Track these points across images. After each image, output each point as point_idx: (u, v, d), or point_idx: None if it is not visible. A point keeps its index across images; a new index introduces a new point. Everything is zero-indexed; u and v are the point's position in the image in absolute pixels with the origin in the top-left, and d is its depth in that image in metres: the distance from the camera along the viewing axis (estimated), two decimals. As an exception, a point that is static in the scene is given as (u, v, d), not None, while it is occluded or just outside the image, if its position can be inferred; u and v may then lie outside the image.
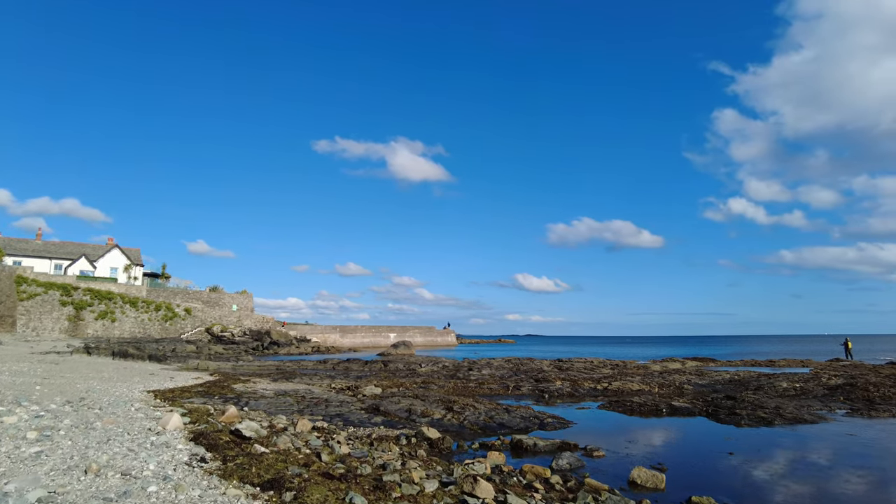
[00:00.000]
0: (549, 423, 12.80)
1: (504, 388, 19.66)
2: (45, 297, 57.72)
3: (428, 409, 12.93)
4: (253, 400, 13.77)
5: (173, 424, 8.95)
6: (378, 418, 12.41)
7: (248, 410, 12.55)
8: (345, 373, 24.62)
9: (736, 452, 9.92)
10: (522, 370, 24.34)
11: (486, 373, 22.56)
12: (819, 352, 64.38)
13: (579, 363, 28.00)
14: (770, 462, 9.36)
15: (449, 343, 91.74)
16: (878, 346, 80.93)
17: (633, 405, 15.78)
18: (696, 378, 22.79)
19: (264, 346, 56.85)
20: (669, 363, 31.93)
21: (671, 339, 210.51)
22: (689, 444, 10.98)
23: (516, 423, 12.41)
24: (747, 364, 34.77)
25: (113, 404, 11.00)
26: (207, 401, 13.57)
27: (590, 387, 20.13)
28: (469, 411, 12.96)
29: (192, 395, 14.35)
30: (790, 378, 21.30)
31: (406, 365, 26.60)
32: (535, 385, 20.00)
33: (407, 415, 12.65)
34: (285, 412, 12.66)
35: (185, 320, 62.59)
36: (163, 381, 16.93)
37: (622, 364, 28.78)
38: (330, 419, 12.19)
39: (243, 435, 8.82)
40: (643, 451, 10.11)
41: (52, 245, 69.01)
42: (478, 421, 12.40)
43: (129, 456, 6.27)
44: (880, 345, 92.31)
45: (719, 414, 14.12)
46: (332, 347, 67.21)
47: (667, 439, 11.39)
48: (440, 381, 20.80)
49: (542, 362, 28.14)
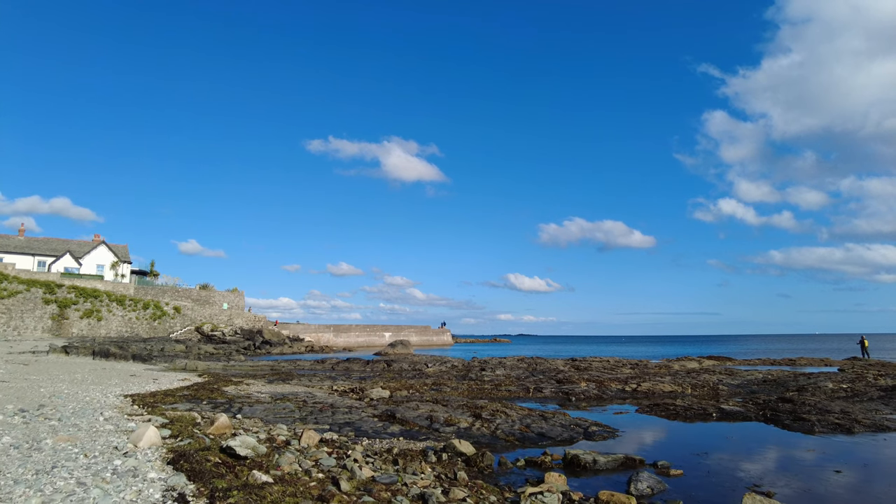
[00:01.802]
0: (594, 432, 11.01)
1: (524, 390, 17.86)
2: (27, 294, 55.20)
3: (452, 417, 11.10)
4: (247, 405, 11.86)
5: (148, 440, 7.05)
6: (395, 427, 10.55)
7: (241, 418, 10.66)
8: (346, 373, 22.72)
9: (842, 469, 8.17)
10: (539, 370, 22.54)
11: (500, 373, 20.74)
12: (816, 350, 63.17)
13: (597, 363, 26.27)
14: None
15: (445, 342, 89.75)
16: (888, 345, 79.91)
17: (676, 409, 14.03)
18: (728, 378, 21.12)
19: (256, 345, 54.70)
20: (686, 362, 30.29)
21: (662, 338, 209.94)
22: (773, 457, 9.22)
23: (558, 433, 10.61)
24: (766, 363, 33.23)
25: (77, 413, 9.07)
26: (194, 406, 11.66)
27: (617, 388, 18.39)
28: (500, 419, 11.14)
29: (176, 399, 12.42)
30: (833, 378, 19.67)
31: (411, 365, 24.75)
32: (557, 387, 18.22)
33: (428, 423, 10.80)
34: (285, 420, 10.78)
35: (175, 319, 60.26)
36: (144, 384, 14.97)
37: (642, 364, 27.09)
38: (339, 429, 10.33)
39: (237, 454, 6.95)
40: (725, 468, 8.35)
41: (35, 241, 66.35)
42: (513, 430, 10.59)
43: (73, 496, 4.38)
44: (888, 343, 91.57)
45: (781, 419, 12.39)
46: (326, 347, 65.14)
47: (742, 451, 9.63)
48: (452, 383, 18.97)
49: (556, 362, 26.38)
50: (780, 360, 34.87)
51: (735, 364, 32.21)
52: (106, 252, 65.95)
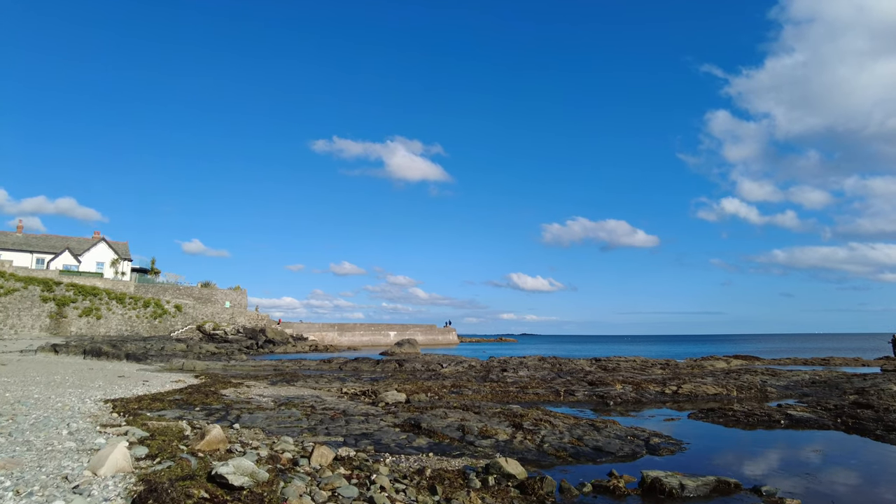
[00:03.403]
0: (656, 444, 9.28)
1: (553, 392, 16.13)
2: (24, 292, 53.73)
3: (488, 427, 9.39)
4: (247, 412, 10.17)
5: (112, 466, 5.35)
6: (421, 440, 8.85)
7: (239, 429, 8.97)
8: (354, 374, 21.02)
9: None
10: (565, 371, 20.79)
11: (523, 374, 19.00)
12: (821, 349, 60.86)
13: (624, 363, 24.51)
14: None
15: (450, 342, 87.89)
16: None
17: (735, 415, 12.30)
18: (772, 378, 19.35)
19: (259, 344, 53.10)
20: (714, 361, 28.52)
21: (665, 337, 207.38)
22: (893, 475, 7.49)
23: (616, 447, 8.88)
24: (797, 363, 31.40)
25: (38, 425, 7.41)
26: (185, 414, 9.98)
27: (656, 390, 16.65)
28: (545, 429, 9.42)
29: (165, 405, 10.75)
30: (894, 380, 17.88)
31: (424, 365, 23.04)
32: (590, 389, 16.49)
33: (460, 435, 9.09)
34: (291, 431, 9.09)
35: (176, 317, 58.72)
36: (132, 387, 13.30)
37: (672, 364, 25.30)
38: (355, 442, 8.63)
39: (230, 484, 5.26)
40: (852, 497, 6.63)
41: (33, 238, 64.88)
42: (562, 444, 8.87)
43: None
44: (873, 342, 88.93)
45: (869, 428, 10.65)
46: (330, 346, 63.54)
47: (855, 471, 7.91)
48: (472, 385, 17.27)
49: (580, 362, 24.61)
50: (812, 360, 33.02)
51: (765, 364, 30.40)
52: (106, 249, 64.43)
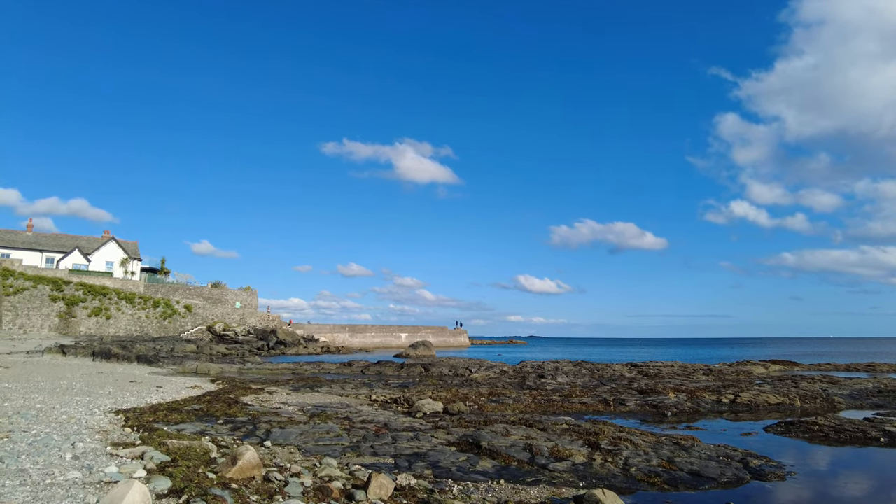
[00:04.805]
0: (757, 467, 7.89)
1: (602, 402, 14.75)
2: (33, 291, 53.00)
3: (559, 447, 8.05)
4: (277, 427, 8.87)
5: (129, 510, 4.10)
6: (485, 463, 7.52)
7: (271, 447, 7.70)
8: (379, 379, 19.73)
9: None
10: (606, 378, 19.38)
11: (563, 381, 17.63)
12: (834, 353, 58.71)
13: (665, 368, 23.01)
14: None
15: (462, 344, 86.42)
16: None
17: (822, 429, 10.89)
18: (833, 387, 17.86)
19: (270, 345, 52.01)
20: (751, 367, 26.97)
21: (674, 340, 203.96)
22: None
23: (715, 471, 7.51)
24: (839, 369, 29.79)
25: (38, 445, 6.16)
26: (207, 428, 8.72)
27: (712, 399, 15.23)
28: (627, 449, 8.07)
29: (183, 416, 9.49)
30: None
31: (451, 370, 21.68)
32: (641, 398, 15.09)
33: (529, 456, 7.76)
34: (332, 451, 7.79)
35: (186, 318, 57.78)
36: (145, 394, 12.07)
37: (717, 369, 23.78)
38: (409, 465, 7.32)
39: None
40: None
41: (43, 237, 64.23)
42: (651, 467, 7.52)
43: None
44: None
45: None
46: (342, 348, 62.35)
47: None
48: (510, 392, 15.92)
49: (617, 367, 23.16)
50: (855, 366, 31.32)
51: (804, 369, 28.83)
52: (115, 248, 63.66)
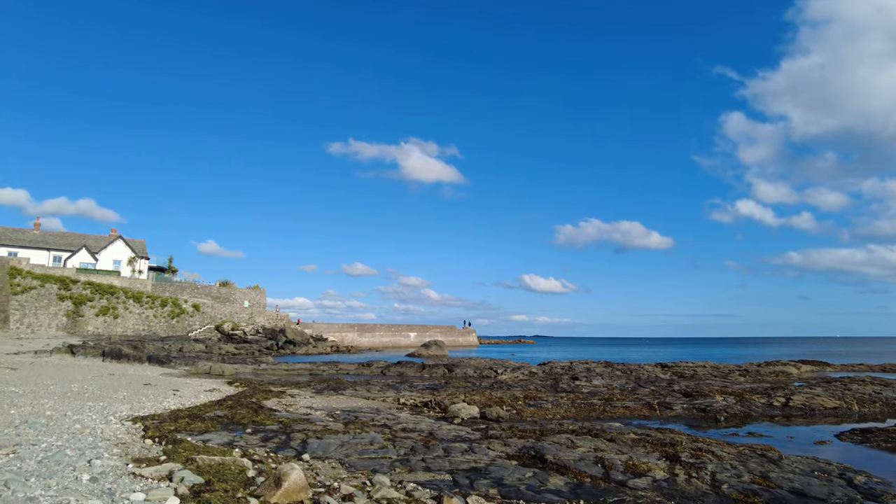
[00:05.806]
0: (864, 485, 6.93)
1: (646, 406, 13.79)
2: (41, 290, 52.42)
3: (634, 461, 7.11)
4: (314, 437, 7.96)
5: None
6: (556, 479, 6.59)
7: (310, 461, 6.80)
8: (402, 380, 18.82)
9: None
10: (642, 379, 18.41)
11: (598, 383, 16.67)
12: (845, 353, 57.21)
13: (699, 368, 22.03)
14: None
15: (470, 343, 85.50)
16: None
17: (904, 440, 9.91)
18: (886, 389, 16.82)
19: (279, 345, 51.27)
20: (784, 367, 25.89)
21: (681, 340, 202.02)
22: None
23: (820, 490, 6.56)
24: (874, 369, 28.66)
25: (49, 463, 5.27)
26: (234, 438, 7.83)
27: (762, 402, 14.25)
28: (711, 462, 7.12)
29: (207, 424, 8.60)
30: None
31: (476, 371, 20.73)
32: (687, 401, 14.12)
33: (603, 472, 6.82)
34: (380, 465, 6.89)
35: (194, 317, 57.11)
36: (161, 398, 11.20)
37: (753, 370, 22.73)
38: (470, 483, 6.40)
39: None
40: None
41: (50, 236, 63.72)
42: (744, 483, 6.57)
43: None
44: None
45: None
46: (351, 347, 61.60)
47: None
48: (546, 395, 14.98)
49: (650, 368, 22.17)
50: (891, 366, 30.16)
51: (837, 370, 27.76)
52: (123, 247, 63.06)
